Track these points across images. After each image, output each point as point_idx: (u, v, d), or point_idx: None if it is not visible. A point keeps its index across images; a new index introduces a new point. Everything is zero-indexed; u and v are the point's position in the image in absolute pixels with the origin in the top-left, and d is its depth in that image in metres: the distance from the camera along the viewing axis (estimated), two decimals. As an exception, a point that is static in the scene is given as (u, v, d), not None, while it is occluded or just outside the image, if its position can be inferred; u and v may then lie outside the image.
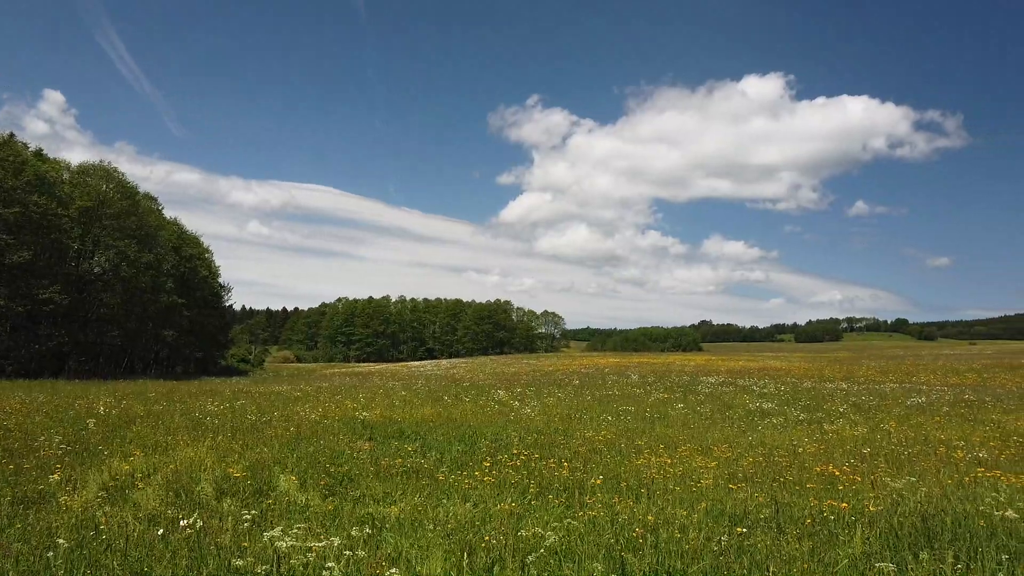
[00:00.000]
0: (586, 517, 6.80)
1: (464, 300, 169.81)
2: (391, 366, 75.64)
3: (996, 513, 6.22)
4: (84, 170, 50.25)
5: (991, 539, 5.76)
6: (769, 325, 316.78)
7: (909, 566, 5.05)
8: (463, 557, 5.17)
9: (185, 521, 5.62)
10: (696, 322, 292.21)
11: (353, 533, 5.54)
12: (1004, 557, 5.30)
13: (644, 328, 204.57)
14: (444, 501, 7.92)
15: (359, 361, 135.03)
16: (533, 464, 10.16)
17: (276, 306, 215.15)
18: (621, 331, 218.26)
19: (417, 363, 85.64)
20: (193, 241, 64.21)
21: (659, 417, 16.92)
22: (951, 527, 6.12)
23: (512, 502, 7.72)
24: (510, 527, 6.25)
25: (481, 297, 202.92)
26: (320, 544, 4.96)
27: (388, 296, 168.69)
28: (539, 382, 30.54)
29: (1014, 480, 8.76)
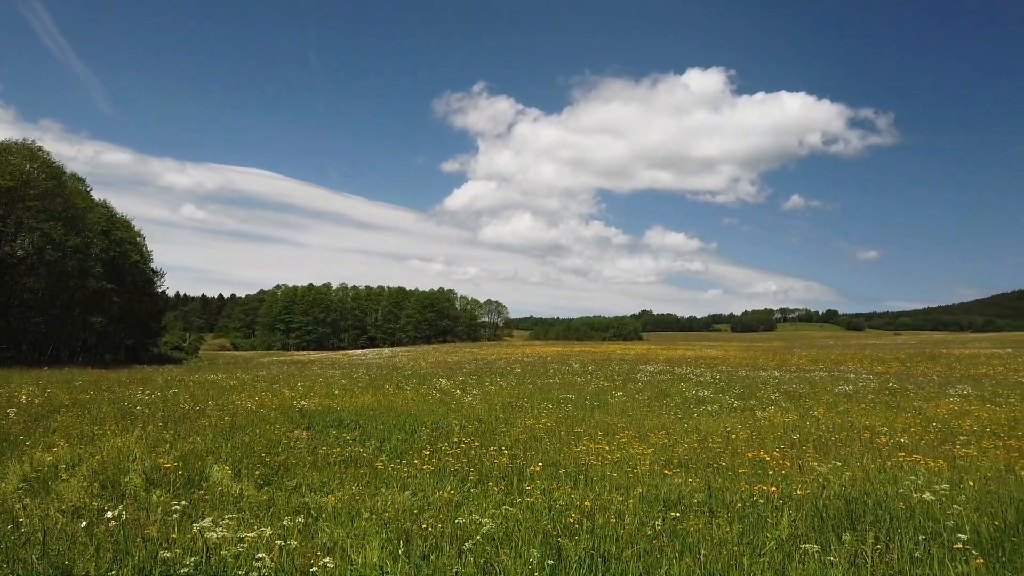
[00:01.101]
0: (525, 504, 6.85)
1: (407, 288, 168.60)
2: (331, 354, 74.58)
3: (915, 495, 6.52)
4: (6, 148, 47.64)
5: (910, 520, 6.04)
6: (707, 315, 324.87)
7: (832, 547, 5.25)
8: (400, 545, 5.14)
9: (111, 513, 5.42)
10: (637, 312, 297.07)
11: (286, 523, 5.44)
12: (921, 537, 5.55)
13: (586, 317, 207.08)
14: (383, 490, 7.86)
15: (298, 349, 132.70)
16: (473, 452, 10.18)
17: (212, 292, 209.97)
18: (564, 320, 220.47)
19: (358, 351, 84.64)
20: (124, 224, 61.75)
21: (599, 405, 17.15)
22: (873, 509, 6.38)
23: (451, 490, 7.72)
24: (448, 515, 6.25)
25: (424, 285, 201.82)
26: (252, 534, 4.86)
27: (329, 283, 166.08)
28: (481, 371, 30.57)
29: (932, 464, 9.20)
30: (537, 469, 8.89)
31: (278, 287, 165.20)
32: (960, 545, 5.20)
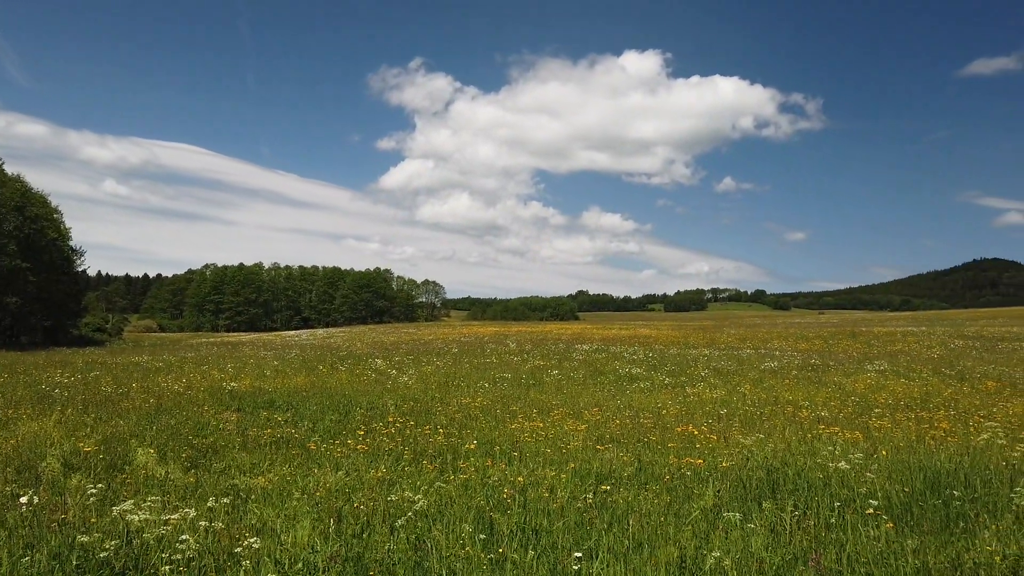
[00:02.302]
0: (458, 481, 6.88)
1: (342, 268, 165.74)
2: (264, 335, 72.95)
3: (831, 465, 6.83)
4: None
5: (826, 488, 6.33)
6: (642, 295, 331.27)
7: (753, 515, 5.46)
8: (331, 524, 5.10)
9: (24, 498, 5.19)
10: (574, 292, 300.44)
11: (211, 505, 5.33)
12: (837, 504, 5.84)
13: (524, 297, 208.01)
14: (315, 470, 7.76)
15: (229, 331, 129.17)
16: (408, 431, 10.15)
17: (136, 272, 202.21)
18: (501, 300, 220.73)
19: (292, 332, 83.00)
20: (39, 200, 58.56)
21: (534, 383, 17.30)
22: (793, 479, 6.67)
23: (385, 469, 7.69)
24: (381, 493, 6.23)
25: (360, 265, 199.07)
26: (176, 517, 4.74)
27: (261, 263, 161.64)
28: (418, 351, 30.42)
29: (850, 436, 9.64)
30: (472, 447, 8.93)
31: (207, 267, 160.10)
32: (872, 511, 5.48)
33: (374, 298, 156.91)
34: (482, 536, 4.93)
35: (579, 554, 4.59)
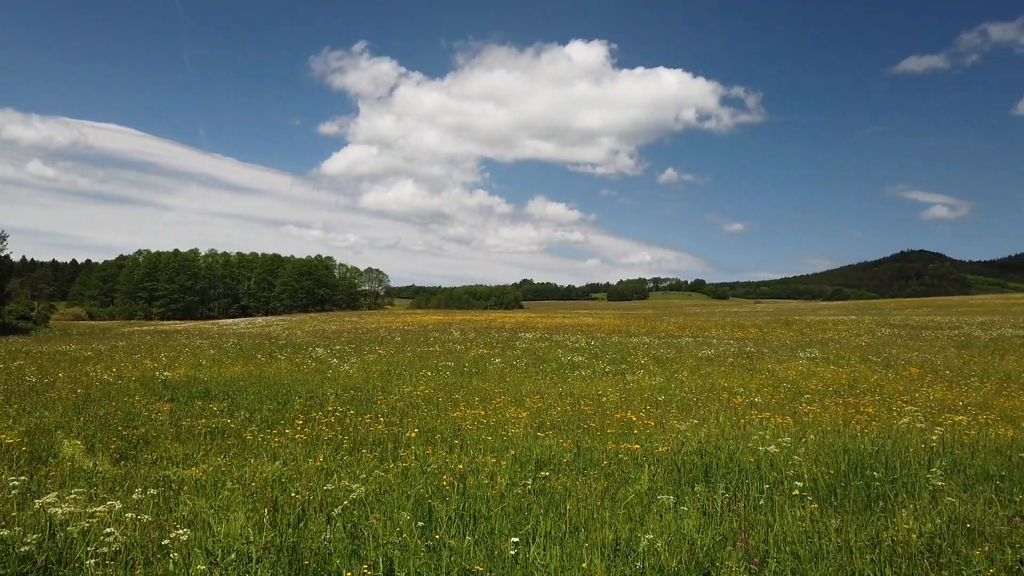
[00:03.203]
0: (398, 469, 6.86)
1: (283, 255, 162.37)
2: (200, 324, 71.00)
3: (761, 449, 7.06)
4: None
5: (756, 471, 6.54)
6: (585, 284, 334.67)
7: (687, 498, 5.61)
8: (266, 514, 5.03)
9: (-62, 494, 4.95)
10: (518, 281, 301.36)
11: (137, 496, 5.18)
12: (765, 486, 6.04)
13: (468, 286, 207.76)
14: (251, 460, 7.62)
15: (163, 319, 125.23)
16: (349, 420, 10.06)
17: (64, 258, 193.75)
18: (446, 289, 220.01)
19: (230, 321, 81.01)
20: (-43, 181, 55.64)
21: (477, 372, 17.33)
22: (725, 463, 6.87)
23: (324, 458, 7.60)
24: (319, 483, 6.17)
25: (301, 252, 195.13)
26: (102, 509, 4.59)
27: (197, 249, 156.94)
28: (360, 339, 30.10)
29: (780, 421, 9.97)
30: (413, 435, 8.91)
31: (140, 252, 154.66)
32: (798, 492, 5.69)
33: (316, 286, 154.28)
34: (420, 523, 4.93)
35: (516, 539, 4.64)
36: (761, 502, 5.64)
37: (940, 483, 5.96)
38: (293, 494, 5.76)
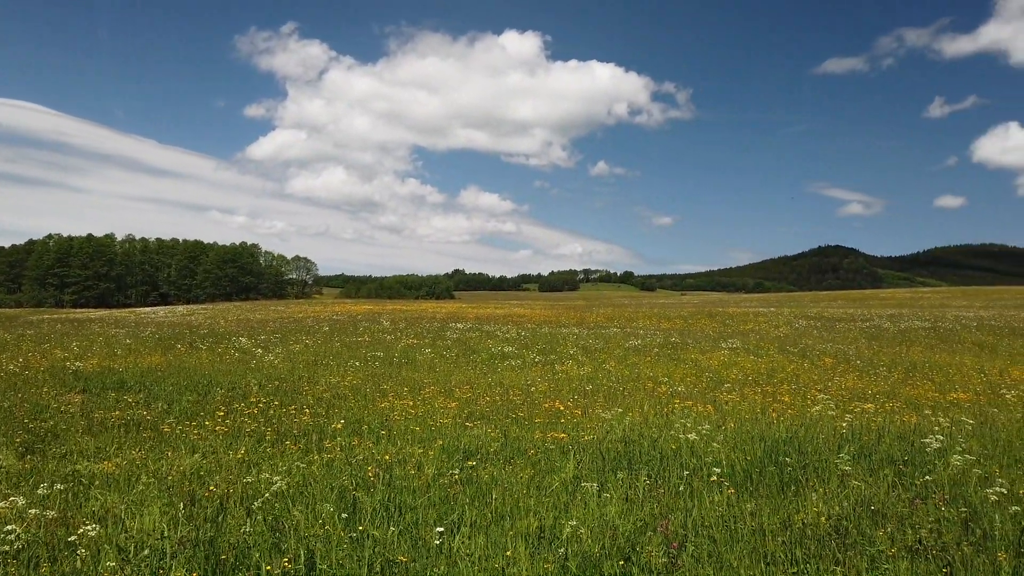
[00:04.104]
0: (323, 461, 6.75)
1: (205, 242, 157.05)
2: (116, 312, 67.93)
3: (682, 436, 7.26)
4: None
5: (677, 458, 6.73)
6: (517, 275, 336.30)
7: (610, 484, 5.72)
8: (182, 509, 4.87)
9: None
10: (450, 271, 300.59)
11: (43, 492, 4.94)
12: (685, 473, 6.23)
13: (400, 276, 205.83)
14: (168, 453, 7.37)
15: (76, 307, 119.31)
16: (273, 411, 9.84)
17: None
18: (376, 278, 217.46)
19: (148, 309, 77.81)
20: None
21: (407, 362, 17.21)
22: (648, 450, 7.03)
23: (246, 451, 7.42)
24: (239, 475, 6.02)
25: (225, 239, 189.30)
26: (3, 505, 4.36)
27: (112, 234, 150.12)
28: (287, 329, 29.41)
29: (702, 409, 10.28)
30: (339, 427, 8.79)
31: (51, 237, 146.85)
32: (716, 478, 5.88)
33: (240, 274, 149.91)
34: (344, 515, 4.87)
35: (441, 529, 4.65)
36: (681, 488, 5.81)
37: (848, 468, 6.26)
38: (212, 487, 5.60)
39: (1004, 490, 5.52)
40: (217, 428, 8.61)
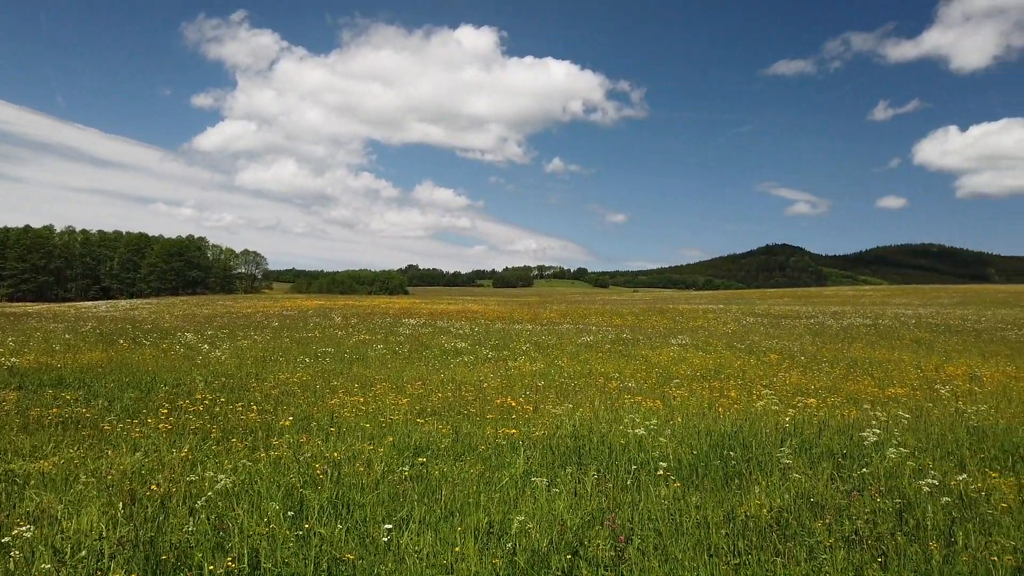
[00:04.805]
0: (270, 458, 6.65)
1: (150, 235, 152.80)
2: (55, 306, 65.59)
3: (631, 431, 7.36)
4: None
5: (625, 452, 6.82)
6: (471, 270, 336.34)
7: (559, 479, 5.77)
8: (122, 509, 4.74)
9: None
10: (404, 266, 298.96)
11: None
12: (633, 467, 6.31)
13: (352, 271, 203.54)
14: (109, 452, 7.16)
15: (12, 300, 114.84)
16: (219, 408, 9.64)
17: None
18: (329, 273, 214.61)
19: (89, 303, 75.34)
20: None
21: (358, 358, 17.04)
22: (597, 445, 7.11)
23: (190, 449, 7.25)
24: (183, 474, 5.88)
25: (171, 232, 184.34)
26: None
27: (52, 226, 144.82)
28: (235, 324, 28.83)
29: (651, 404, 10.43)
30: (288, 423, 8.66)
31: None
32: (662, 472, 5.98)
33: (187, 268, 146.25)
34: (291, 513, 4.81)
35: (389, 526, 4.62)
36: (629, 482, 5.90)
37: (789, 461, 6.44)
38: (154, 486, 5.46)
39: (936, 481, 5.75)
40: (160, 426, 8.40)
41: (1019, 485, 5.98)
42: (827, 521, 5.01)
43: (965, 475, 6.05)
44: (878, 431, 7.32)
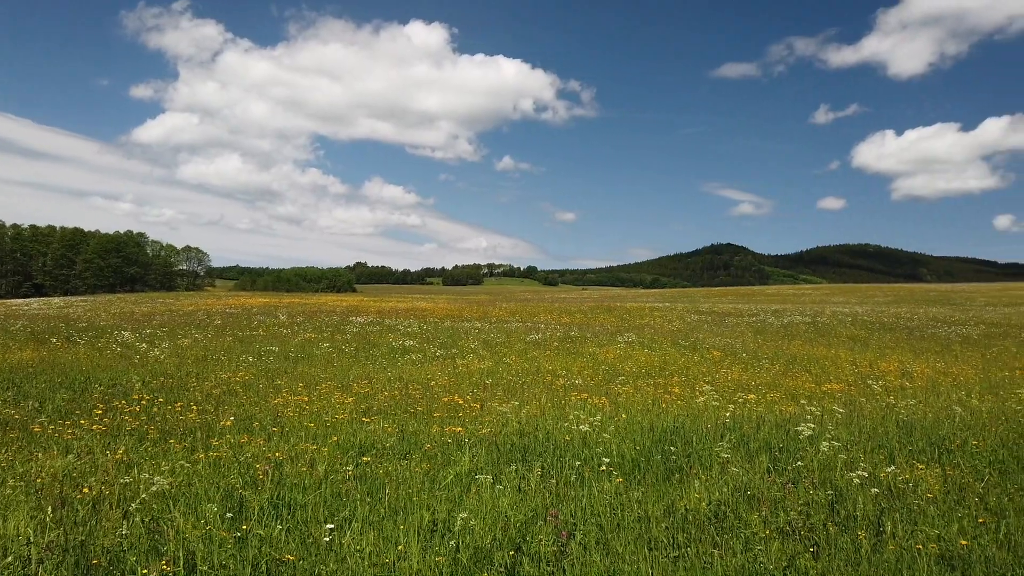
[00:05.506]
0: (209, 459, 6.50)
1: (86, 230, 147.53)
2: (-16, 304, 62.82)
3: (575, 428, 7.44)
4: None
5: (570, 449, 6.89)
6: (421, 268, 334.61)
7: (504, 476, 5.80)
8: (51, 513, 4.58)
9: None
10: (352, 263, 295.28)
11: None
12: (578, 463, 6.39)
13: (299, 268, 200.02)
14: (38, 455, 6.89)
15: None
16: (157, 409, 9.38)
17: None
18: (274, 270, 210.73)
19: (20, 301, 72.28)
20: None
21: (303, 357, 16.79)
22: (542, 441, 7.17)
23: (126, 450, 7.04)
24: (118, 476, 5.71)
25: (109, 227, 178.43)
26: None
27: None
28: (175, 322, 28.05)
29: (597, 401, 10.55)
30: (229, 423, 8.48)
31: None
32: (605, 467, 6.07)
33: (125, 264, 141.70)
34: (229, 514, 4.72)
35: (331, 525, 4.58)
36: (573, 478, 5.96)
37: (728, 455, 6.60)
38: (86, 489, 5.29)
39: (866, 473, 5.98)
40: (94, 427, 8.13)
41: (944, 476, 6.26)
42: (763, 513, 5.16)
43: (894, 467, 6.30)
44: (813, 425, 7.56)
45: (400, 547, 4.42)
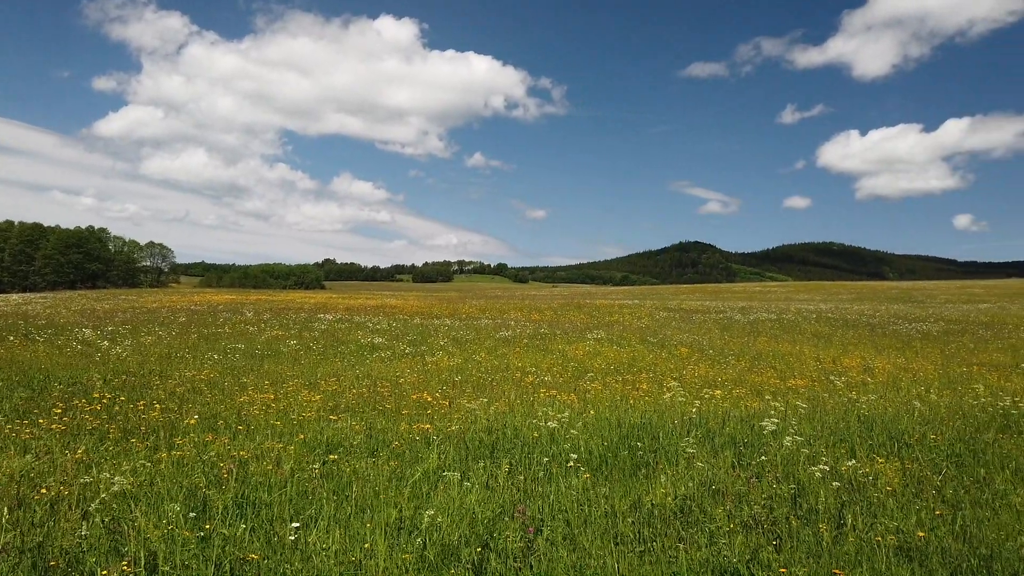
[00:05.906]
0: (172, 458, 6.40)
1: (46, 225, 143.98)
2: (-62, 301, 60.99)
3: (544, 424, 7.47)
4: None
5: (538, 445, 6.92)
6: (391, 265, 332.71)
7: (471, 472, 5.80)
8: (9, 514, 4.47)
9: None
10: (320, 260, 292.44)
11: None
12: (545, 459, 6.41)
13: (266, 264, 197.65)
14: (-5, 455, 6.72)
15: None
16: (118, 408, 9.19)
17: None
18: (241, 267, 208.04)
19: (-23, 297, 70.39)
20: None
21: (270, 354, 16.60)
22: (511, 438, 7.18)
23: (86, 450, 6.90)
24: (76, 476, 5.59)
25: (69, 222, 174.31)
26: None
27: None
28: (138, 320, 27.53)
29: (566, 398, 10.60)
30: (193, 422, 8.35)
31: None
32: (572, 463, 6.10)
33: (86, 260, 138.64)
34: (193, 514, 4.65)
35: (297, 524, 4.54)
36: (540, 474, 5.99)
37: (693, 450, 6.68)
38: (44, 490, 5.17)
39: (828, 467, 6.10)
40: (54, 426, 7.94)
41: (903, 470, 6.40)
42: (727, 507, 5.23)
43: (855, 461, 6.43)
44: (777, 421, 7.68)
45: (367, 545, 4.40)
